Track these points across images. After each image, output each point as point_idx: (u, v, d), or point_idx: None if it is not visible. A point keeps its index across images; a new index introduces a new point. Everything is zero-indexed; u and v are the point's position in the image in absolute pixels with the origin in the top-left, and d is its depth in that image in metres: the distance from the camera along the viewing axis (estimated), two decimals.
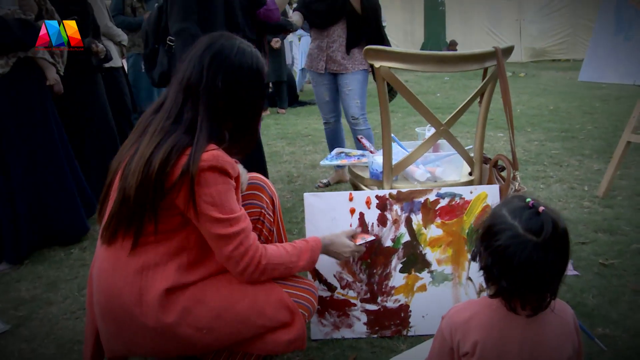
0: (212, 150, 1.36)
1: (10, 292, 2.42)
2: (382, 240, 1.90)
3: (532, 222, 1.07)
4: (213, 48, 1.42)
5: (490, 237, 1.10)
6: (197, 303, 1.41)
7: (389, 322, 1.93)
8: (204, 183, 1.34)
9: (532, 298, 1.10)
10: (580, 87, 7.84)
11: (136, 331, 1.41)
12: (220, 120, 1.42)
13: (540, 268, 1.05)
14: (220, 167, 1.36)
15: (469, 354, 1.14)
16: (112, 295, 1.40)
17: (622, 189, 3.41)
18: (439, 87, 9.05)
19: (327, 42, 3.44)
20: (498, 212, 1.14)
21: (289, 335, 1.51)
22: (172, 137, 1.36)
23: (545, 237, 1.05)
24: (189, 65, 1.43)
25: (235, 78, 1.42)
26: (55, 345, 1.98)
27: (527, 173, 3.78)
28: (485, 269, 1.12)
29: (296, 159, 4.59)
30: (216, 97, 1.40)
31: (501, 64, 2.01)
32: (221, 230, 1.37)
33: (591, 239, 2.68)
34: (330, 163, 2.52)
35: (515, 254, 1.05)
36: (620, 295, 2.15)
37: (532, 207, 1.10)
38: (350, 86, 3.43)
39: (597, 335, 1.88)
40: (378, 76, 1.94)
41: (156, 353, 1.49)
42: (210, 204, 1.35)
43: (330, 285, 1.92)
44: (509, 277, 1.07)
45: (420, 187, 1.98)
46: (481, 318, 1.16)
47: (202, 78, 1.39)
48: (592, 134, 5.01)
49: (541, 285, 1.08)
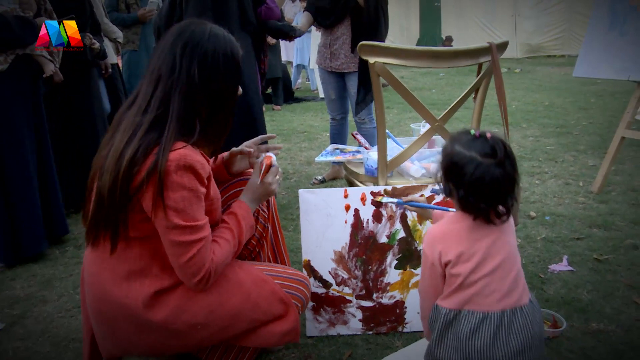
0: (180, 149, 1.30)
1: (4, 290, 2.41)
2: (377, 236, 1.90)
3: (485, 148, 1.24)
4: (184, 36, 1.36)
5: (457, 173, 1.25)
6: (189, 300, 1.41)
7: (384, 319, 1.94)
8: (169, 186, 1.29)
9: (503, 208, 1.27)
10: (575, 83, 7.86)
11: (129, 331, 1.41)
12: (194, 110, 1.36)
13: (503, 182, 1.23)
14: (189, 165, 1.30)
15: (452, 262, 1.28)
16: (102, 299, 1.40)
17: (617, 185, 3.43)
18: (434, 83, 9.05)
19: (330, 39, 3.40)
20: (453, 150, 1.28)
21: (283, 327, 1.52)
22: (141, 132, 1.31)
23: (500, 156, 1.23)
24: (159, 56, 1.37)
25: (210, 64, 1.36)
26: (50, 343, 1.97)
27: (522, 169, 3.79)
28: (462, 200, 1.27)
29: (291, 155, 4.58)
30: (191, 86, 1.34)
31: (495, 60, 2.01)
32: (179, 237, 1.32)
33: (586, 234, 2.69)
34: (326, 159, 2.52)
35: (483, 178, 1.22)
36: (614, 290, 2.16)
37: (479, 137, 1.27)
38: (353, 89, 3.40)
39: (591, 330, 1.89)
40: (373, 72, 1.94)
41: (152, 352, 1.49)
42: (173, 210, 1.30)
43: (325, 282, 1.92)
44: (484, 199, 1.24)
45: (415, 183, 1.98)
46: (459, 231, 1.30)
47: (174, 68, 1.33)
48: (587, 130, 5.03)
49: (507, 195, 1.26)
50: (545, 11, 12.44)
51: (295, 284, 1.59)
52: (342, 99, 3.61)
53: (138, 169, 1.29)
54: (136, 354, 1.52)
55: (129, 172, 1.29)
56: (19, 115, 2.63)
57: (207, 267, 1.37)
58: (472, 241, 1.29)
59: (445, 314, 1.30)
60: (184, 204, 1.31)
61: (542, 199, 3.23)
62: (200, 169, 1.34)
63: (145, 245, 1.39)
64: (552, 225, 2.82)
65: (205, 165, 1.37)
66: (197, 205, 1.35)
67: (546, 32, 12.61)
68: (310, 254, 1.90)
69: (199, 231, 1.36)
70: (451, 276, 1.30)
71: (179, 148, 1.31)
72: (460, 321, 1.28)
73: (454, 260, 1.28)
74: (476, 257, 1.28)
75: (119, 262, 1.39)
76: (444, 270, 1.31)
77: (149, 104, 1.35)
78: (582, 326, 1.92)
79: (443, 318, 1.30)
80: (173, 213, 1.30)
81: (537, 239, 2.66)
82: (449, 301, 1.31)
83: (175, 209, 1.31)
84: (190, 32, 1.37)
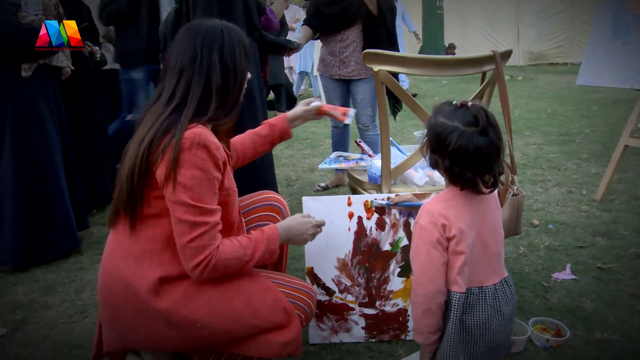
0: (195, 128, 1.37)
1: (7, 295, 2.41)
2: (381, 244, 1.90)
3: (468, 117, 1.25)
4: (200, 30, 1.46)
5: (442, 144, 1.26)
6: (192, 295, 1.42)
7: (387, 327, 1.93)
8: (182, 162, 1.34)
9: (490, 177, 1.28)
10: (578, 91, 7.86)
11: (131, 315, 1.42)
12: (211, 94, 1.43)
13: (487, 150, 1.23)
14: (203, 144, 1.35)
15: (457, 239, 1.28)
16: (111, 275, 1.44)
17: (620, 193, 3.42)
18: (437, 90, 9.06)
19: (339, 47, 3.35)
20: (436, 122, 1.29)
21: (284, 338, 1.49)
22: (162, 118, 1.39)
23: (483, 124, 1.23)
24: (178, 51, 1.45)
25: (229, 51, 1.46)
26: (52, 349, 1.97)
27: (525, 177, 3.79)
28: (448, 171, 1.28)
29: (294, 162, 4.59)
30: (211, 71, 1.42)
31: (499, 68, 2.01)
32: (184, 215, 1.35)
33: (589, 243, 2.69)
34: (329, 166, 2.52)
35: (467, 147, 1.22)
36: (617, 299, 2.15)
37: (461, 106, 1.28)
38: (362, 95, 3.39)
39: (595, 339, 1.88)
40: (377, 80, 1.95)
41: (150, 343, 1.47)
42: (182, 186, 1.34)
43: (328, 289, 1.92)
44: (470, 167, 1.25)
45: (418, 191, 1.98)
46: (456, 207, 1.31)
47: (196, 58, 1.42)
48: (589, 138, 5.02)
49: (493, 163, 1.26)
50: (547, 19, 12.46)
51: (300, 294, 1.58)
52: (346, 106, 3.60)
53: (156, 145, 1.36)
54: (135, 345, 1.51)
55: (149, 150, 1.36)
56: (48, 118, 2.71)
57: (208, 253, 1.38)
58: (469, 218, 1.30)
59: (458, 299, 1.29)
60: (193, 182, 1.35)
61: (545, 207, 3.23)
62: (214, 150, 1.38)
63: (159, 228, 1.42)
64: (555, 234, 2.81)
65: (220, 149, 1.41)
66: (207, 188, 1.38)
67: (549, 40, 12.62)
68: (313, 261, 1.90)
69: (206, 214, 1.37)
70: (455, 254, 1.29)
71: (194, 127, 1.37)
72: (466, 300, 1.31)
73: (458, 236, 1.28)
74: (472, 234, 1.30)
75: (133, 241, 1.43)
76: (447, 246, 1.29)
77: (173, 94, 1.43)
78: (586, 335, 1.91)
79: (456, 303, 1.29)
80: (181, 189, 1.34)
81: (540, 247, 2.65)
82: (458, 285, 1.29)
83: (184, 186, 1.34)
84: (205, 27, 1.46)
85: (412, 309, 1.39)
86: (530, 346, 1.86)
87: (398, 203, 1.79)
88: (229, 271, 1.45)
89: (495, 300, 1.33)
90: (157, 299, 1.39)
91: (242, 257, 1.45)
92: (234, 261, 1.44)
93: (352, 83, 3.42)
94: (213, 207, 1.40)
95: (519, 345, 1.83)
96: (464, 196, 1.32)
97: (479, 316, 1.31)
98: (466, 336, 1.32)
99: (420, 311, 1.33)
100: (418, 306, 1.34)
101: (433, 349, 1.37)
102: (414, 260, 1.35)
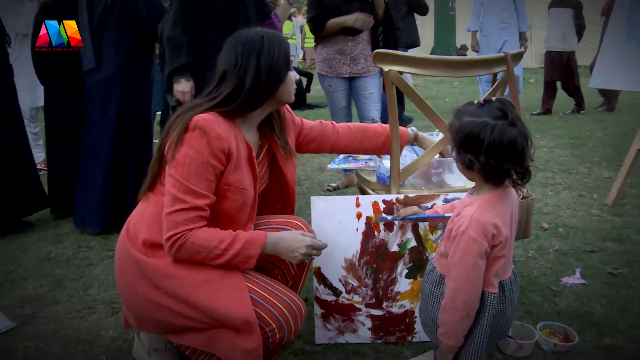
0: (205, 114, 1.48)
1: (16, 289, 2.43)
2: (388, 245, 1.89)
3: (495, 111, 1.26)
4: (242, 39, 1.55)
5: (475, 141, 1.26)
6: (167, 265, 1.50)
7: (393, 328, 1.92)
8: (182, 140, 1.46)
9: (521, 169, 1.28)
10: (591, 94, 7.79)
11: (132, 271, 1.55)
12: (241, 90, 1.52)
13: (519, 140, 1.24)
14: (203, 129, 1.45)
15: (502, 244, 1.30)
16: (124, 231, 1.63)
17: (632, 198, 3.38)
18: (447, 92, 9.03)
19: (350, 45, 3.40)
20: (464, 122, 1.29)
21: (246, 345, 1.45)
22: (192, 105, 1.54)
23: (511, 116, 1.25)
24: (223, 58, 1.55)
25: (267, 54, 1.53)
26: (60, 344, 1.98)
27: (535, 180, 3.76)
28: (485, 167, 1.27)
29: (304, 162, 4.59)
30: (248, 72, 1.51)
31: (510, 70, 1.99)
32: (170, 188, 1.46)
33: (600, 247, 2.66)
34: (338, 167, 2.51)
35: (502, 139, 1.23)
36: (628, 305, 2.12)
37: (484, 103, 1.29)
38: (371, 89, 3.43)
39: (604, 345, 1.86)
40: (387, 80, 1.94)
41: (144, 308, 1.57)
42: (175, 160, 1.46)
43: (335, 290, 1.91)
44: (506, 159, 1.25)
45: (427, 192, 1.97)
46: (500, 211, 1.32)
47: (236, 63, 1.52)
48: (601, 141, 4.98)
49: (526, 153, 1.26)
50: None
51: (280, 303, 1.52)
52: (350, 105, 3.65)
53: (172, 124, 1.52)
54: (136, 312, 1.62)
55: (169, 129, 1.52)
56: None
57: (179, 231, 1.44)
58: (508, 221, 1.34)
59: (492, 300, 1.34)
60: (184, 160, 1.45)
61: (556, 210, 3.20)
62: (213, 137, 1.45)
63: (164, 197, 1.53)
64: (565, 238, 2.79)
65: (222, 139, 1.46)
66: (197, 169, 1.45)
67: None
68: (320, 261, 1.89)
69: (188, 194, 1.45)
70: (496, 258, 1.32)
71: (205, 113, 1.49)
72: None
73: (503, 243, 1.30)
74: (510, 234, 1.33)
75: (145, 205, 1.61)
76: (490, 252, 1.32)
77: (210, 92, 1.56)
78: (595, 341, 1.89)
79: (490, 303, 1.34)
80: (174, 163, 1.46)
81: (550, 251, 2.63)
82: (493, 286, 1.34)
83: (177, 161, 1.46)
84: (246, 36, 1.55)
85: (445, 315, 1.36)
86: (537, 351, 1.84)
87: (405, 217, 1.76)
88: (195, 258, 1.47)
89: (511, 292, 1.38)
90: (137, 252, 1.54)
91: (212, 249, 1.46)
92: (202, 250, 1.46)
93: (359, 80, 3.46)
94: (199, 190, 1.45)
95: (527, 350, 1.82)
96: (503, 197, 1.34)
97: (499, 309, 1.36)
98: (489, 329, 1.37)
99: (460, 317, 1.33)
100: (457, 312, 1.33)
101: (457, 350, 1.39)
102: (457, 267, 1.32)
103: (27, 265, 2.68)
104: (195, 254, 1.46)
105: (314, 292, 1.91)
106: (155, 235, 1.52)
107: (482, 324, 1.34)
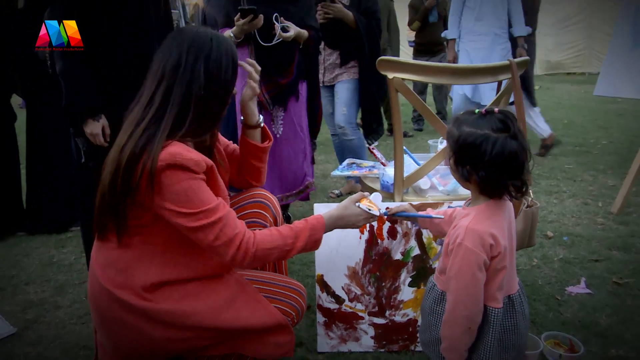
0: (170, 148, 1.33)
1: (18, 294, 2.43)
2: (392, 253, 1.88)
3: (496, 123, 1.23)
4: (188, 36, 1.42)
5: (474, 154, 1.23)
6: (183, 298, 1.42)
7: (396, 337, 1.91)
8: (165, 183, 1.32)
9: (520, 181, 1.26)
10: (595, 101, 7.77)
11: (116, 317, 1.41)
12: (191, 105, 1.39)
13: (520, 154, 1.22)
14: (180, 164, 1.31)
15: (501, 255, 1.27)
16: (95, 283, 1.43)
17: (638, 206, 3.36)
18: None
19: (324, 54, 3.45)
20: (463, 132, 1.25)
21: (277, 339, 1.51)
22: (142, 126, 1.36)
23: (513, 129, 1.22)
24: (163, 55, 1.41)
25: (215, 61, 1.41)
26: (62, 349, 1.98)
27: (540, 187, 3.74)
28: (484, 180, 1.25)
29: None
30: (194, 80, 1.38)
31: (515, 77, 1.98)
32: (194, 223, 1.34)
33: (605, 256, 2.64)
34: (341, 174, 2.50)
35: (502, 153, 1.20)
36: (634, 315, 2.10)
37: (486, 114, 1.26)
38: (339, 94, 3.44)
39: (610, 356, 1.84)
40: (391, 87, 1.93)
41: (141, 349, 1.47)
42: (176, 202, 1.32)
43: (338, 298, 1.90)
44: (506, 173, 1.23)
45: (431, 200, 1.96)
46: (496, 220, 1.29)
47: (180, 64, 1.38)
48: (606, 149, 4.95)
49: (524, 166, 1.25)
50: (565, 28, 12.35)
51: (291, 292, 1.59)
52: None
53: (134, 167, 1.32)
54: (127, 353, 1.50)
55: (129, 166, 1.32)
56: None
57: (237, 243, 1.37)
58: (506, 231, 1.30)
59: (496, 315, 1.30)
60: (185, 195, 1.33)
61: (560, 218, 3.18)
62: (193, 166, 1.34)
63: (150, 236, 1.42)
64: (570, 246, 2.77)
65: (200, 162, 1.36)
66: (200, 190, 1.35)
67: (566, 49, 12.50)
68: (323, 268, 1.88)
69: (214, 212, 1.35)
70: (496, 271, 1.28)
71: (169, 146, 1.33)
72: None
73: (502, 254, 1.27)
74: (508, 246, 1.30)
75: (122, 251, 1.42)
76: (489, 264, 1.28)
77: (152, 99, 1.39)
78: (601, 352, 1.87)
79: (494, 319, 1.30)
80: (177, 205, 1.33)
81: (555, 260, 2.61)
82: (496, 300, 1.29)
83: (178, 201, 1.32)
84: (194, 34, 1.42)
85: (446, 328, 1.33)
86: None
87: (396, 213, 1.72)
88: (269, 260, 1.46)
89: (522, 306, 1.36)
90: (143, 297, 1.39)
91: (282, 247, 1.45)
92: (274, 250, 1.44)
93: (335, 86, 3.49)
94: (215, 204, 1.37)
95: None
96: (499, 208, 1.31)
97: (510, 324, 1.33)
98: (499, 345, 1.33)
99: (460, 331, 1.29)
100: (458, 326, 1.29)
101: None
102: (455, 280, 1.29)
103: (30, 270, 2.68)
104: (268, 257, 1.45)
105: (316, 299, 1.90)
106: (167, 274, 1.42)
107: (488, 339, 1.30)
